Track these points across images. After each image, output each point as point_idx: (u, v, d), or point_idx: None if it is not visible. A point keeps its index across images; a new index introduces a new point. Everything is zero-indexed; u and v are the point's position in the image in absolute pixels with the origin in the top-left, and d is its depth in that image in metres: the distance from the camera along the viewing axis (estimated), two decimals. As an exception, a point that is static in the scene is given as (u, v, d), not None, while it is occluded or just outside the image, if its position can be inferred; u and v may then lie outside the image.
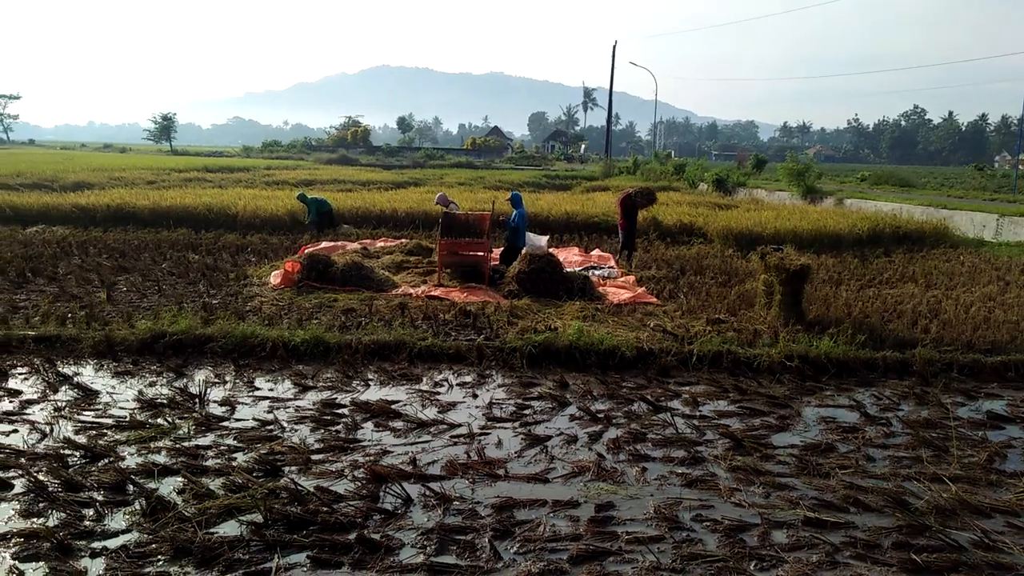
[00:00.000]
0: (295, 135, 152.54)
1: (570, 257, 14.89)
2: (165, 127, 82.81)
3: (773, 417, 6.79)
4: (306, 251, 13.58)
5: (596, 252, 15.85)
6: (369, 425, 6.33)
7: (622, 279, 12.91)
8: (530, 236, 12.67)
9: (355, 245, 15.71)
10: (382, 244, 16.13)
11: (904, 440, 6.35)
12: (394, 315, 9.75)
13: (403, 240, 16.52)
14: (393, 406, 6.71)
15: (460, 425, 6.36)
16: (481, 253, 12.41)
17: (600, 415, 6.65)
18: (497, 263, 13.04)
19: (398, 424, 6.35)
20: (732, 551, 4.43)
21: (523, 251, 12.24)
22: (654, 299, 11.21)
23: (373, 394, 7.12)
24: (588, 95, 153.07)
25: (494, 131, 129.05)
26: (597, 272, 13.40)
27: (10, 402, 6.57)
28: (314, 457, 5.58)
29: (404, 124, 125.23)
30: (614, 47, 62.53)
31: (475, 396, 7.17)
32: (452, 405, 6.88)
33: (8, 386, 6.97)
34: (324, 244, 15.40)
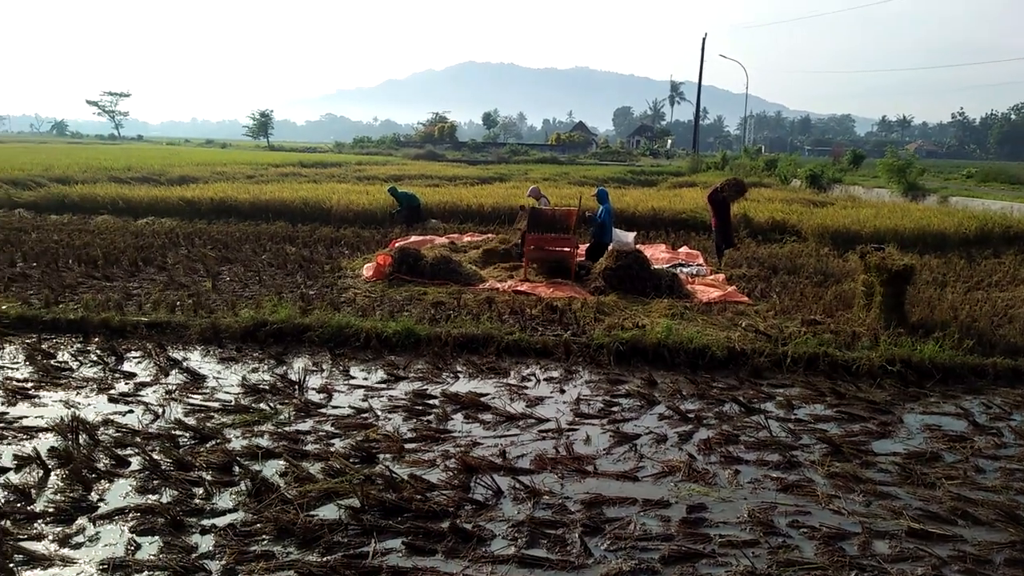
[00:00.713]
0: (384, 131, 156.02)
1: (657, 254, 14.70)
2: (263, 124, 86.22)
3: (873, 423, 6.53)
4: (396, 245, 13.89)
5: (684, 249, 15.59)
6: (459, 416, 6.44)
7: (711, 277, 12.65)
8: (617, 232, 12.55)
9: (443, 239, 15.98)
10: (469, 239, 16.33)
11: (1017, 452, 6.00)
12: (481, 309, 9.87)
13: (489, 235, 16.67)
14: (482, 399, 6.80)
15: (548, 420, 6.39)
16: (568, 249, 12.41)
17: (690, 415, 6.55)
18: (583, 259, 13.01)
19: (487, 417, 6.44)
20: (831, 559, 4.29)
21: (609, 247, 12.16)
22: (745, 298, 10.95)
23: (462, 386, 7.23)
24: (675, 89, 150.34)
25: (578, 126, 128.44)
26: (685, 270, 13.17)
27: (126, 384, 7.00)
28: (407, 446, 5.72)
29: (489, 120, 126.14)
30: (703, 40, 61.22)
31: (562, 391, 7.19)
32: (540, 400, 6.91)
33: (124, 369, 7.44)
34: (413, 238, 15.71)
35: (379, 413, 6.43)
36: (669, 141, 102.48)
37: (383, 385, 7.22)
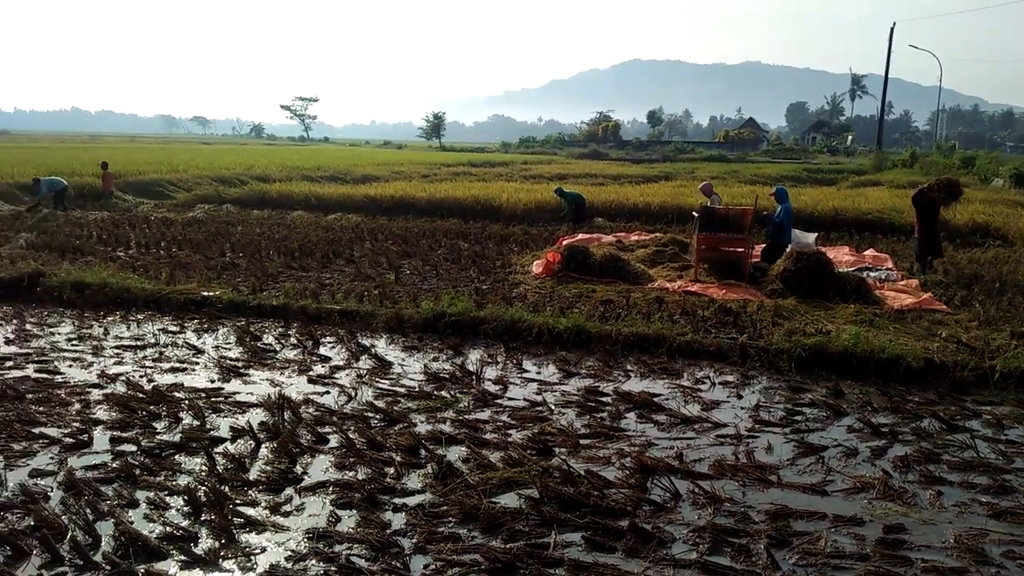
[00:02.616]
0: (548, 131, 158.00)
1: (840, 256, 13.82)
2: (436, 125, 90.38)
3: (1105, 452, 5.78)
4: (564, 242, 14.03)
5: (870, 252, 14.55)
6: (632, 416, 6.40)
7: (903, 282, 11.72)
8: (796, 233, 11.93)
9: (610, 238, 15.93)
10: (636, 237, 16.17)
11: None
12: (651, 308, 9.75)
13: (657, 234, 16.42)
14: (655, 399, 6.72)
15: (725, 425, 6.20)
16: (742, 249, 11.97)
17: (883, 429, 6.11)
18: (758, 260, 12.49)
19: (661, 417, 6.35)
20: (1057, 600, 3.85)
21: (788, 248, 11.59)
22: (943, 306, 10.05)
23: (634, 385, 7.18)
24: (856, 82, 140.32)
25: (748, 123, 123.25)
26: (872, 274, 12.30)
27: (322, 367, 7.58)
28: (582, 441, 5.76)
29: (654, 118, 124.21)
30: (891, 29, 56.66)
31: (739, 396, 6.95)
32: (715, 404, 6.73)
33: (320, 352, 8.05)
34: (581, 236, 15.79)
35: (553, 407, 6.53)
36: (849, 137, 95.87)
37: (555, 380, 7.32)
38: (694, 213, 13.63)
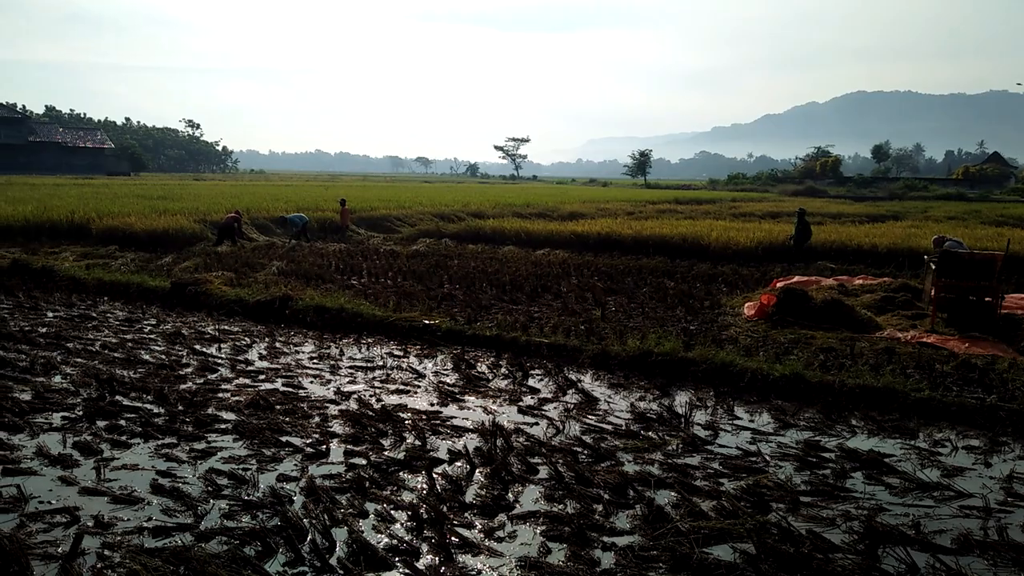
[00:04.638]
0: (759, 167, 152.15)
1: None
2: (641, 163, 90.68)
3: None
4: (779, 284, 13.37)
5: None
6: (859, 475, 5.91)
7: None
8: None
9: (830, 281, 14.94)
10: (860, 282, 15.01)
11: None
12: (880, 360, 8.99)
13: (886, 279, 15.14)
14: (885, 459, 6.16)
15: (971, 495, 5.53)
16: (989, 299, 10.70)
17: None
18: (1019, 312, 11.09)
19: (893, 480, 5.80)
20: None
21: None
22: None
23: (861, 442, 6.64)
24: None
25: (992, 157, 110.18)
26: None
27: (531, 398, 7.79)
28: (802, 499, 5.41)
29: (879, 153, 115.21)
30: None
31: (987, 464, 6.19)
32: (958, 470, 6.03)
33: (529, 384, 8.28)
34: (796, 278, 14.96)
35: (768, 459, 6.20)
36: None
37: (770, 430, 6.96)
38: (925, 257, 12.46)
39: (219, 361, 8.94)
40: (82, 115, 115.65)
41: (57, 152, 77.15)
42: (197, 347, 9.60)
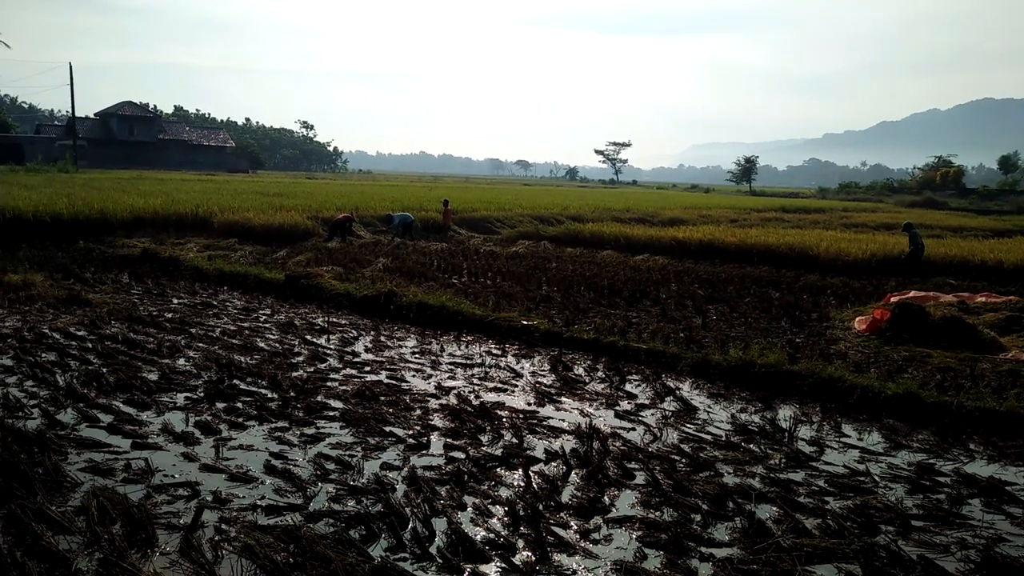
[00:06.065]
0: (873, 176, 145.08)
1: None
2: (746, 170, 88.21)
3: None
4: (893, 299, 12.75)
5: None
6: (976, 502, 5.58)
7: None
8: None
9: (949, 297, 14.09)
10: (983, 299, 14.09)
11: None
12: (1004, 383, 8.44)
13: (1012, 297, 14.15)
14: (1007, 487, 5.80)
15: (1107, 534, 5.13)
16: None
17: None
18: None
19: (1015, 510, 5.46)
20: None
21: None
22: None
23: (979, 468, 6.27)
24: None
25: None
26: None
27: (628, 403, 7.75)
28: (913, 522, 5.16)
29: (1007, 164, 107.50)
30: None
31: None
32: (1092, 506, 5.60)
33: (626, 389, 8.25)
34: (912, 293, 14.20)
35: (878, 479, 5.94)
36: None
37: (880, 450, 6.66)
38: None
39: (328, 351, 9.34)
40: (207, 115, 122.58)
41: (183, 149, 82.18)
42: (308, 337, 10.06)
